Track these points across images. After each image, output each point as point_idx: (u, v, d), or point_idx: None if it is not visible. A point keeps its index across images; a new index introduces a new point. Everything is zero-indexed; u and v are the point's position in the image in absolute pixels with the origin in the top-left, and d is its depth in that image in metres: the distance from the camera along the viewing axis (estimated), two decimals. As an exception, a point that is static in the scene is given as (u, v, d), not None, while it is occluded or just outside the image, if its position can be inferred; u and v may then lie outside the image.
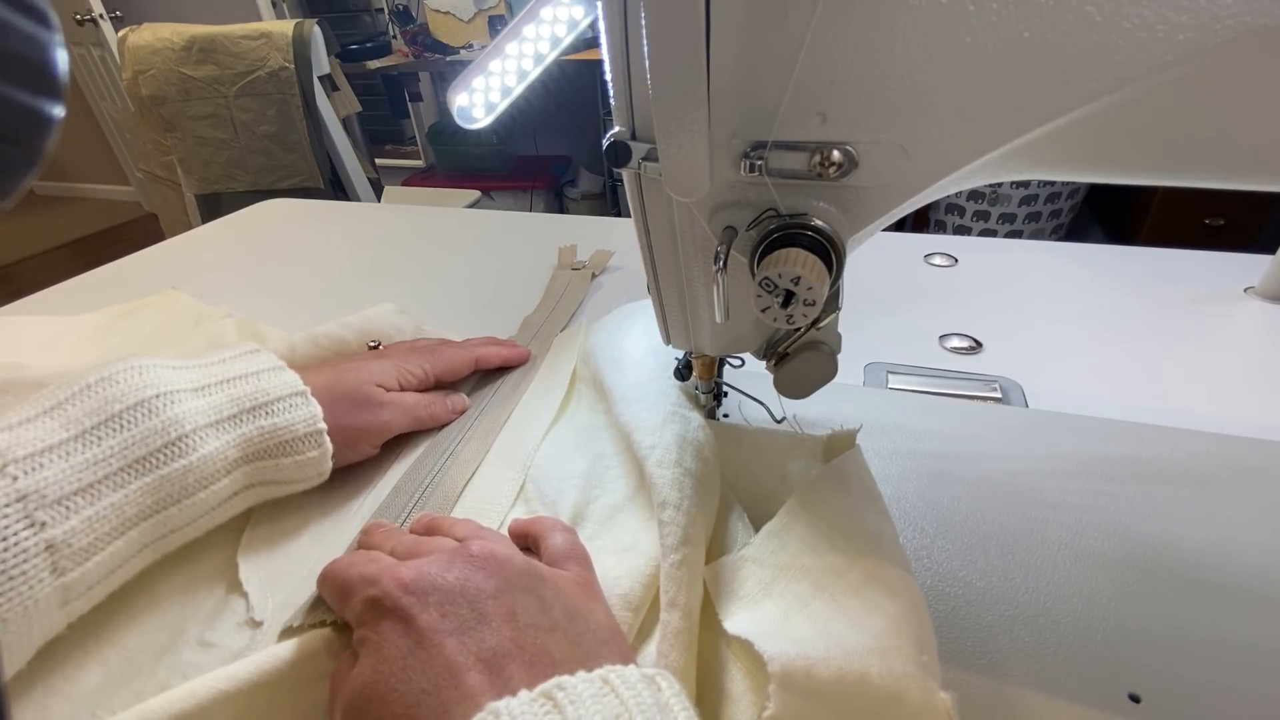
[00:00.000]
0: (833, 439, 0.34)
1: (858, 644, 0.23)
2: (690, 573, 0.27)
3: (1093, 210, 2.15)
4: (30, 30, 0.13)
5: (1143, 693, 0.26)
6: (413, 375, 0.40)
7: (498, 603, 0.23)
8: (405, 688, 0.20)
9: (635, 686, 0.19)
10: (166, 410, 0.29)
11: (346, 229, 0.79)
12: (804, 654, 0.22)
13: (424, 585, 0.23)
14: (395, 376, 0.39)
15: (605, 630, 0.24)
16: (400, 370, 0.40)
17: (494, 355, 0.46)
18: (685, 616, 0.26)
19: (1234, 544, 0.31)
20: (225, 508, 0.32)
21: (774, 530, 0.30)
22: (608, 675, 0.19)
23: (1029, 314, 0.52)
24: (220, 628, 0.29)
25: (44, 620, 0.25)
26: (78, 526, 0.25)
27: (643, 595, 0.28)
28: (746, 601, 0.27)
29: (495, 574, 0.24)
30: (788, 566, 0.28)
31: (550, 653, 0.22)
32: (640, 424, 0.35)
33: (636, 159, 0.24)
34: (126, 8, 2.71)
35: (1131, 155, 0.20)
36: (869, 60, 0.20)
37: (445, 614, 0.22)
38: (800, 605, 0.26)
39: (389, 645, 0.22)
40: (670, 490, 0.30)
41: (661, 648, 0.25)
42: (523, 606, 0.23)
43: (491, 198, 2.40)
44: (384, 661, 0.21)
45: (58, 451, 0.26)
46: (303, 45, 1.37)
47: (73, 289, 0.65)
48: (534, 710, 0.18)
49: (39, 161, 0.14)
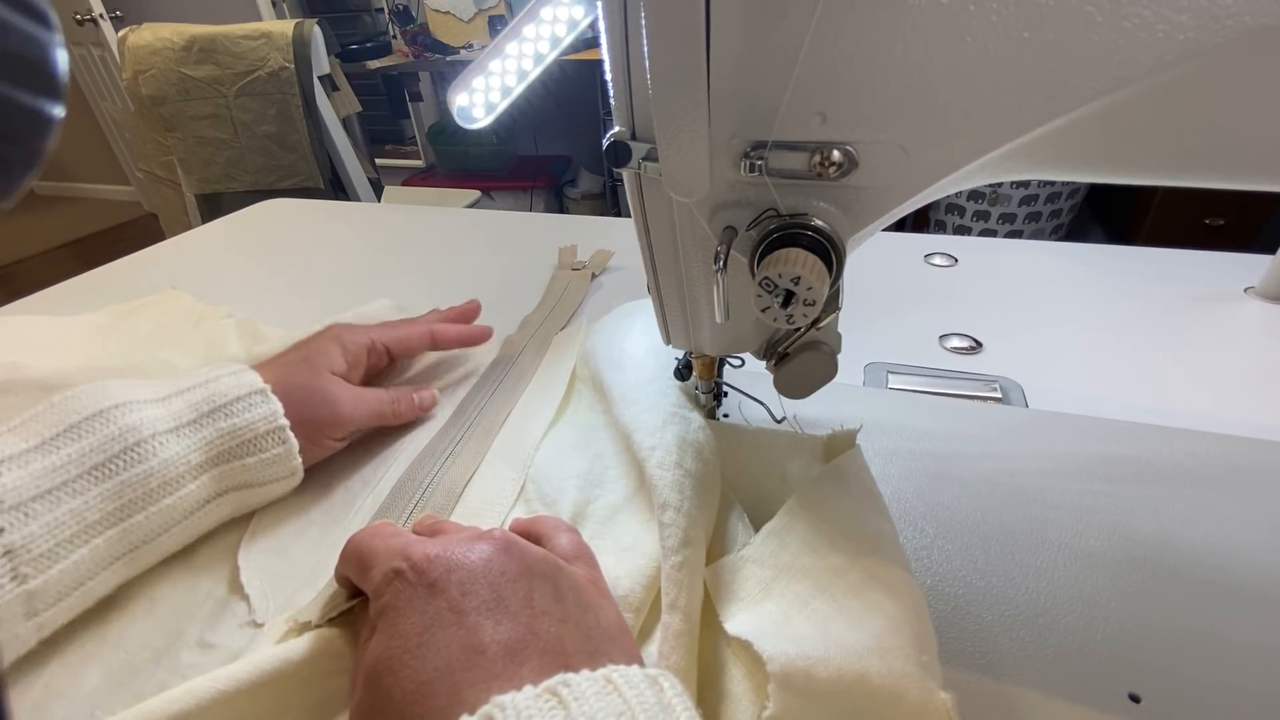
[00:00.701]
0: (833, 439, 0.34)
1: (858, 644, 0.23)
2: (691, 574, 0.27)
3: (1093, 210, 2.15)
4: (30, 30, 0.13)
5: (1143, 693, 0.26)
6: (358, 345, 0.40)
7: (516, 587, 0.23)
8: (419, 664, 0.21)
9: (638, 686, 0.19)
10: (124, 418, 0.29)
11: (346, 229, 0.79)
12: (803, 654, 0.22)
13: (447, 562, 0.23)
14: (341, 355, 0.39)
15: (614, 627, 0.24)
16: (345, 346, 0.39)
17: (450, 334, 0.45)
18: (686, 618, 0.26)
19: (1234, 544, 0.31)
20: (200, 516, 0.32)
21: (774, 530, 0.30)
22: (610, 675, 0.19)
23: (1029, 314, 0.52)
24: (221, 629, 0.29)
25: (9, 629, 0.25)
26: (37, 532, 0.25)
27: (643, 596, 0.28)
28: (747, 602, 0.27)
29: (517, 559, 0.24)
30: (788, 567, 0.28)
31: (563, 642, 0.22)
32: (640, 425, 0.35)
33: (636, 159, 0.24)
34: (126, 8, 2.71)
35: (1131, 155, 0.20)
36: (869, 60, 0.20)
37: (466, 592, 0.22)
38: (800, 605, 0.26)
39: (406, 620, 0.22)
40: (671, 492, 0.30)
41: (663, 649, 0.25)
42: (540, 594, 0.23)
43: (491, 198, 2.40)
44: (400, 637, 0.21)
45: (16, 461, 0.26)
46: (303, 45, 1.37)
47: (73, 289, 0.65)
48: (539, 706, 0.18)
49: (39, 161, 0.14)
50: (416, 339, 0.43)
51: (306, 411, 0.35)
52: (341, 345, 0.39)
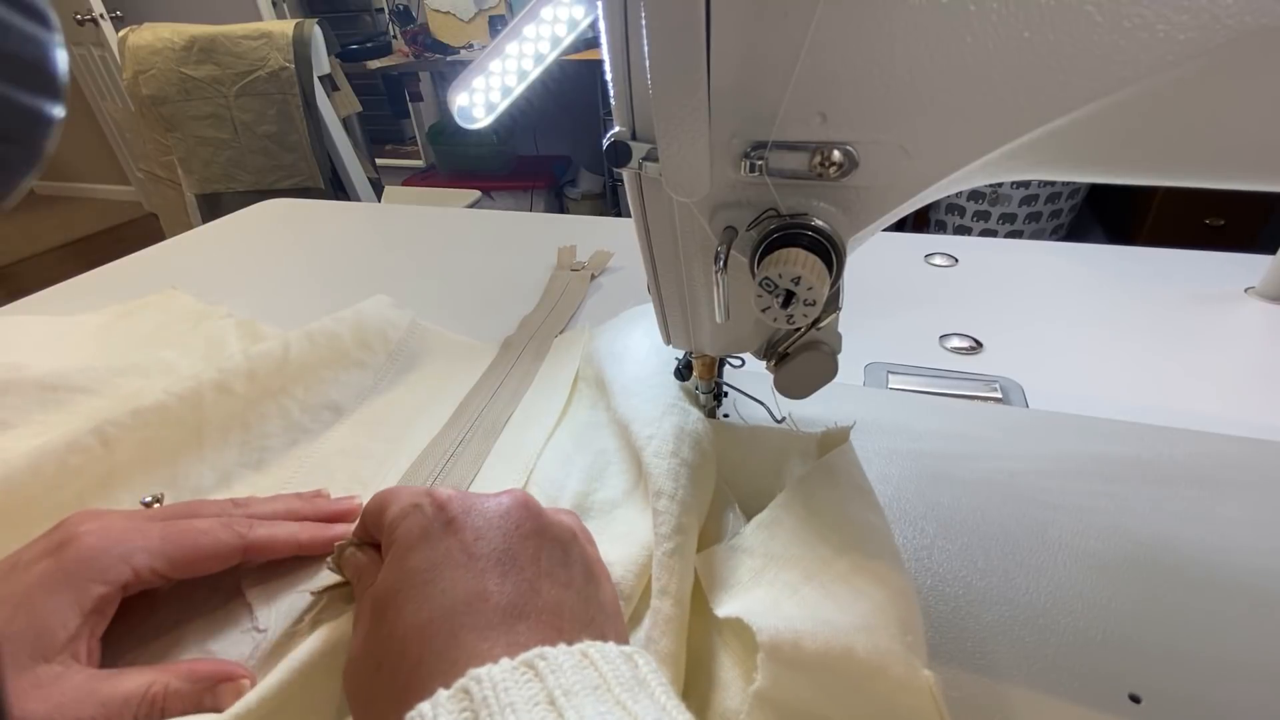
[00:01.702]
0: (826, 436, 0.34)
1: (844, 623, 0.23)
2: (682, 561, 0.28)
3: (1093, 210, 2.15)
4: (30, 30, 0.13)
5: (1143, 693, 0.26)
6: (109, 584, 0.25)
7: (528, 543, 0.23)
8: (424, 601, 0.21)
9: (614, 661, 0.19)
10: None
11: (346, 229, 0.79)
12: (791, 628, 0.23)
13: (466, 503, 0.23)
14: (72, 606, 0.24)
15: (611, 605, 0.25)
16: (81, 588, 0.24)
17: (280, 540, 0.30)
18: (677, 604, 0.26)
19: (1234, 544, 0.31)
20: None
21: (765, 521, 0.30)
22: (587, 650, 0.19)
23: (1029, 314, 0.52)
24: (223, 636, 0.29)
25: None
26: None
27: (634, 584, 0.28)
28: (737, 589, 0.28)
29: (534, 517, 0.24)
30: (778, 556, 0.28)
31: (561, 607, 0.22)
32: (638, 415, 0.35)
33: (636, 159, 0.24)
34: (126, 8, 2.70)
35: (1132, 155, 0.20)
36: (869, 60, 0.20)
37: (479, 537, 0.22)
38: (790, 592, 0.26)
39: (418, 553, 0.22)
40: (666, 480, 0.30)
41: (652, 634, 0.26)
42: (549, 556, 0.23)
43: (491, 198, 2.40)
44: (409, 570, 0.22)
45: None
46: (303, 45, 1.37)
47: (73, 289, 0.65)
48: (515, 678, 0.18)
49: (39, 161, 0.14)
50: (213, 549, 0.28)
51: None
52: (76, 589, 0.24)
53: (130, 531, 0.26)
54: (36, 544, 0.26)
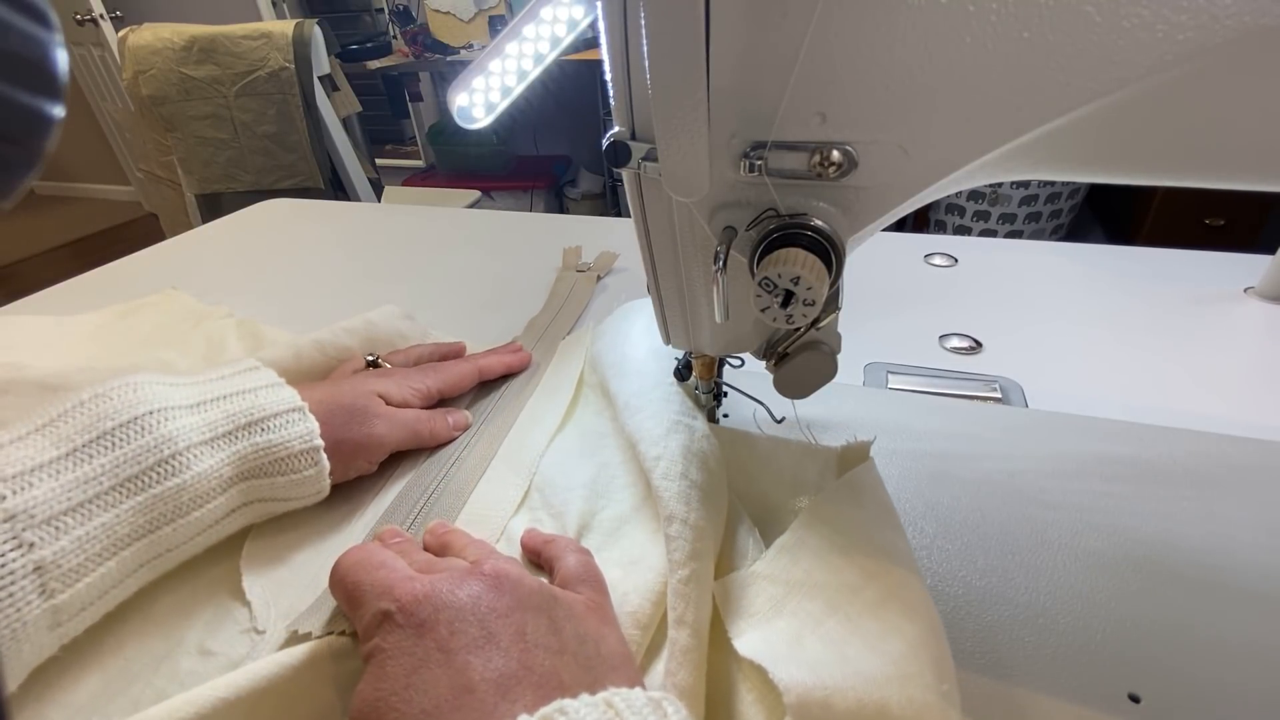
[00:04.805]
0: (847, 451, 0.33)
1: (876, 671, 0.22)
2: (699, 589, 0.27)
3: (1093, 210, 2.15)
4: (30, 30, 0.13)
5: (1143, 693, 0.26)
6: (415, 391, 0.39)
7: (508, 622, 0.23)
8: (407, 707, 0.20)
9: (640, 710, 0.18)
10: (159, 427, 0.28)
11: (346, 229, 0.79)
12: (821, 683, 0.22)
13: (435, 602, 0.23)
14: (397, 393, 0.38)
15: (616, 656, 0.24)
16: (402, 387, 0.39)
17: (497, 364, 0.45)
18: (694, 634, 0.25)
19: (1234, 544, 0.31)
20: (221, 526, 0.31)
21: (786, 545, 0.29)
22: (611, 698, 0.19)
23: (1029, 314, 0.52)
24: (221, 636, 0.29)
25: (34, 642, 0.24)
26: (68, 547, 0.25)
27: (651, 613, 0.27)
28: (757, 619, 0.27)
29: (507, 593, 0.24)
30: (800, 583, 0.27)
31: (558, 674, 0.21)
32: (644, 434, 0.34)
33: (636, 159, 0.24)
34: (126, 8, 2.71)
35: (1131, 155, 0.20)
36: (869, 60, 0.20)
37: (455, 631, 0.22)
38: (813, 624, 0.25)
39: (394, 663, 0.21)
40: (677, 503, 0.29)
41: (670, 666, 0.25)
42: (533, 627, 0.23)
43: (492, 198, 2.40)
44: (387, 679, 0.21)
45: (47, 470, 0.25)
46: (303, 45, 1.37)
47: (73, 289, 0.65)
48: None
49: (39, 161, 0.14)
50: (467, 380, 0.43)
51: (343, 433, 0.34)
52: (400, 389, 0.39)
53: (418, 370, 0.42)
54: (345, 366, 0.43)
